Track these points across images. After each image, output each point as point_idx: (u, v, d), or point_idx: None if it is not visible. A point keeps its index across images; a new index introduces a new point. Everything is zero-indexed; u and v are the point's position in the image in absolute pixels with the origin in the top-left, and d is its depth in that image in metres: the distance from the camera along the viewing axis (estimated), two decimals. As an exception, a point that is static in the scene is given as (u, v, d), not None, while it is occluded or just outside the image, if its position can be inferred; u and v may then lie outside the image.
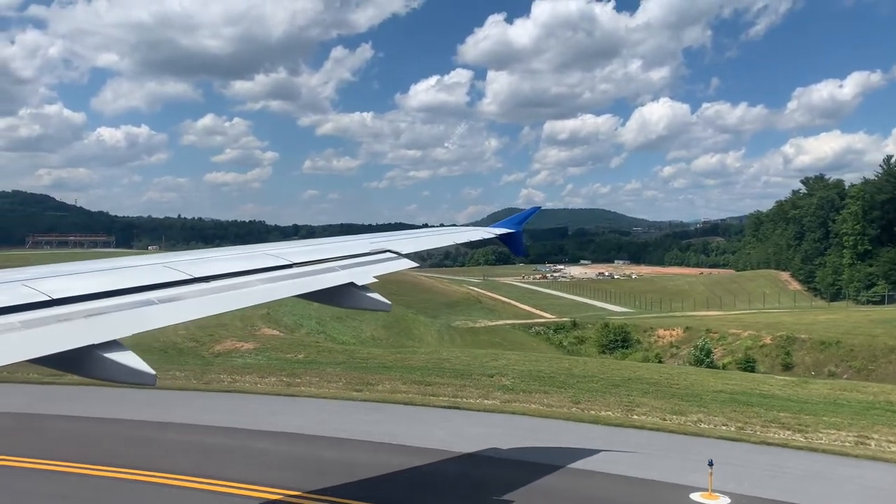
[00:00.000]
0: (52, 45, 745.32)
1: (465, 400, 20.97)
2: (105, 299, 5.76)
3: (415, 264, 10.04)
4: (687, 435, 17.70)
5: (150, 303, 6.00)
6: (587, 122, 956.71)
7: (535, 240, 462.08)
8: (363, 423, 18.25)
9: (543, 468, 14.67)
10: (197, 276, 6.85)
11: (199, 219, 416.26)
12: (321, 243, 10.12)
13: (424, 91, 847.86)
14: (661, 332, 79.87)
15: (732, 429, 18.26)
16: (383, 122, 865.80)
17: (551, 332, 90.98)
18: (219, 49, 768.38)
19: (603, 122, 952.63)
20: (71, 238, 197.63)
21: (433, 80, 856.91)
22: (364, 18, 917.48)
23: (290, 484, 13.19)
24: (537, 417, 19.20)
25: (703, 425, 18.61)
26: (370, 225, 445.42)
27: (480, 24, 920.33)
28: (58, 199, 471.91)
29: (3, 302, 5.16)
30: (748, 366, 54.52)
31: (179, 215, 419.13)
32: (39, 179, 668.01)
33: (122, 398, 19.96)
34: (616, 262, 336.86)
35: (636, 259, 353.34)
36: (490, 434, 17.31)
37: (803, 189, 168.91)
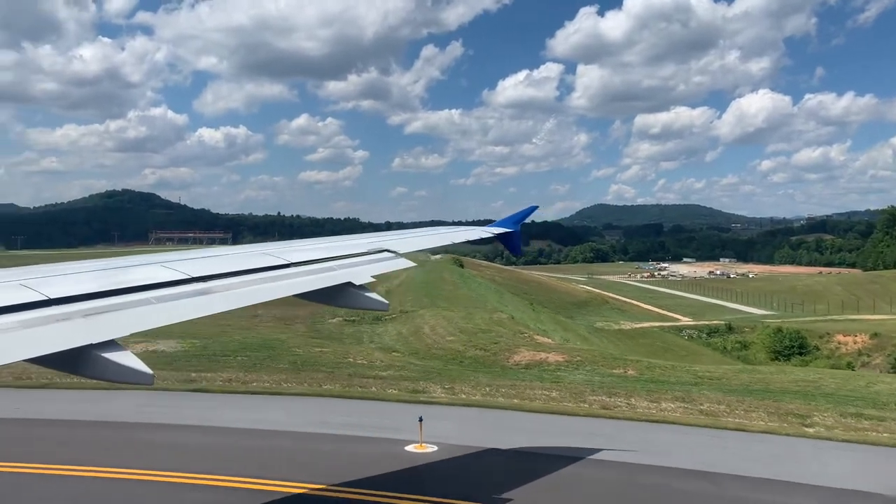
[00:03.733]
0: (157, 50, 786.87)
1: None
2: (103, 299, 5.69)
3: (412, 264, 9.98)
4: None
5: (147, 302, 5.96)
6: (681, 116, 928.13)
7: (628, 237, 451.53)
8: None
9: None
10: (195, 275, 6.82)
11: (298, 216, 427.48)
12: (319, 243, 10.13)
13: (513, 87, 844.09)
14: (840, 337, 75.61)
15: None
16: (471, 119, 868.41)
17: (704, 335, 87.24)
18: (314, 50, 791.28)
19: (698, 114, 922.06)
20: (190, 235, 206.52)
21: (522, 75, 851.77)
22: (454, 16, 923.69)
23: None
24: None
25: None
26: (458, 221, 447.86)
27: (571, 17, 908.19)
28: (163, 197, 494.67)
29: (2, 302, 5.09)
30: None
31: (279, 213, 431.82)
32: (145, 178, 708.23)
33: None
34: (721, 259, 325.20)
35: (742, 257, 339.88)
36: None
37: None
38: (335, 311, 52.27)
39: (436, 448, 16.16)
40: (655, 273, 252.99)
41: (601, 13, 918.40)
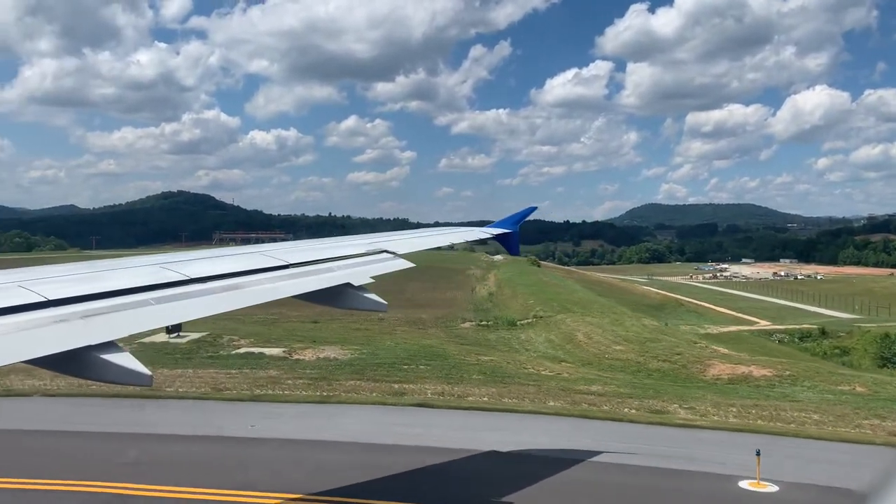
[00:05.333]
0: (211, 54, 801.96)
1: None
2: (101, 300, 5.70)
3: (411, 264, 9.76)
4: None
5: (146, 304, 5.96)
6: (734, 113, 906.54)
7: (681, 237, 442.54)
8: None
9: None
10: (193, 277, 6.81)
11: (348, 216, 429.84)
12: (318, 244, 9.97)
13: (561, 85, 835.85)
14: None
15: None
16: (518, 118, 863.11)
17: (796, 339, 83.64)
18: (362, 52, 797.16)
19: (751, 112, 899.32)
20: (253, 235, 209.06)
21: (570, 73, 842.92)
22: (503, 15, 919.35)
23: None
24: None
25: None
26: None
27: (621, 14, 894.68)
28: (217, 198, 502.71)
29: (0, 303, 5.10)
30: None
31: (330, 213, 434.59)
32: (199, 180, 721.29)
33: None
34: (781, 260, 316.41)
35: (803, 257, 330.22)
36: None
37: None
38: (464, 316, 50.88)
39: (777, 488, 14.27)
40: (717, 274, 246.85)
41: (652, 10, 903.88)
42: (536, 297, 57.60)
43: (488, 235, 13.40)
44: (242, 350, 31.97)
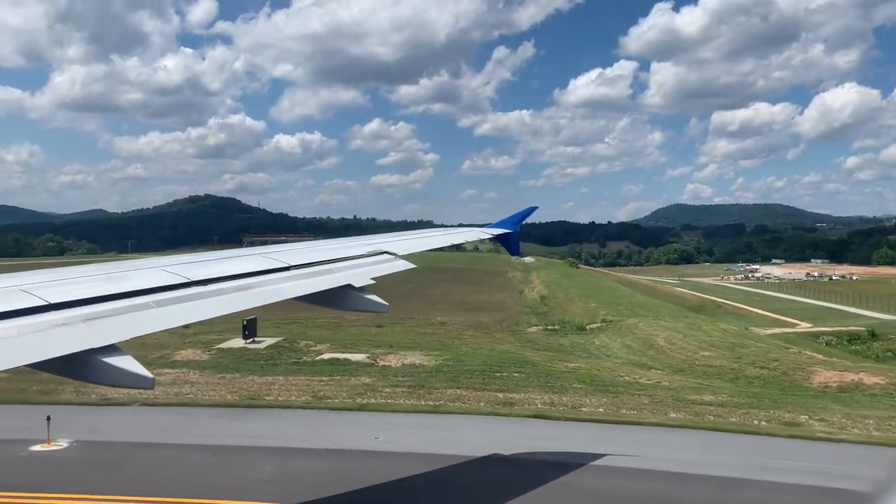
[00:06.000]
0: (236, 59, 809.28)
1: None
2: (104, 303, 5.68)
3: (412, 265, 9.72)
4: None
5: (147, 306, 5.95)
6: (760, 112, 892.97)
7: (708, 237, 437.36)
8: None
9: None
10: (194, 279, 6.80)
11: (373, 219, 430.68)
12: (319, 245, 9.97)
13: (585, 86, 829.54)
14: None
15: None
16: (542, 119, 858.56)
17: (844, 342, 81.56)
18: (386, 55, 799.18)
19: (778, 111, 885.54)
20: (283, 238, 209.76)
21: (594, 73, 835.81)
22: (526, 17, 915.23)
23: None
24: None
25: None
26: (529, 223, 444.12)
27: (645, 13, 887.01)
28: (243, 201, 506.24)
29: (3, 307, 5.07)
30: None
31: (355, 216, 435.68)
32: (224, 184, 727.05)
33: None
34: (812, 261, 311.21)
35: (835, 258, 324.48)
36: None
37: None
38: (528, 320, 49.98)
39: None
40: (748, 275, 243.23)
41: (676, 9, 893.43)
42: (597, 301, 56.45)
43: (489, 236, 13.31)
44: (326, 356, 31.35)
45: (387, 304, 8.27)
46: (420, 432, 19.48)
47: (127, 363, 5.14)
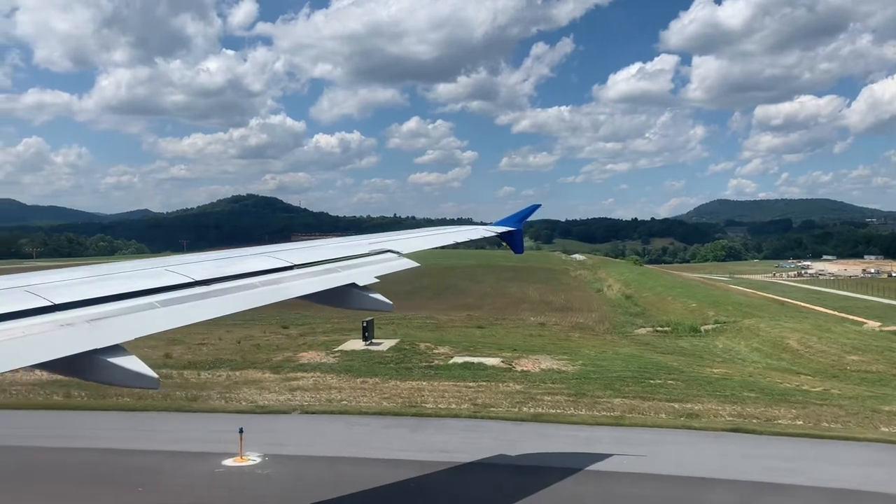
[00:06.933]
0: (277, 60, 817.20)
1: None
2: (107, 304, 5.72)
3: (415, 264, 9.70)
4: None
5: (151, 307, 5.98)
6: (806, 105, 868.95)
7: (753, 233, 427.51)
8: None
9: None
10: (198, 279, 6.79)
11: (413, 217, 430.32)
12: (321, 244, 10.00)
13: (625, 81, 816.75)
14: None
15: None
16: (581, 115, 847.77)
17: None
18: (424, 54, 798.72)
19: (825, 103, 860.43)
20: (331, 237, 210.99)
21: (634, 68, 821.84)
22: (565, 12, 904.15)
23: None
24: None
25: None
26: (564, 221, 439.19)
27: (686, 6, 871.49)
28: (284, 201, 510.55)
29: (7, 308, 5.08)
30: None
31: (395, 214, 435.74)
32: (266, 184, 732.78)
33: None
34: (866, 256, 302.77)
35: (890, 254, 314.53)
36: None
37: None
38: (631, 321, 48.25)
39: None
40: (801, 272, 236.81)
41: (718, 1, 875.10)
42: (695, 300, 54.41)
43: (492, 234, 13.32)
44: (458, 360, 30.10)
45: (391, 303, 8.14)
46: (652, 448, 17.92)
47: (132, 363, 5.09)
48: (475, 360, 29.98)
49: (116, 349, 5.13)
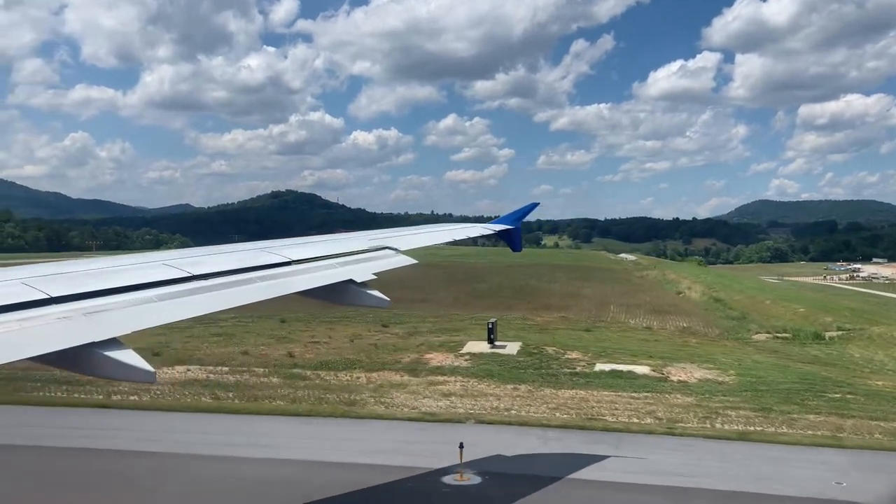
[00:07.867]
0: (316, 56, 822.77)
1: None
2: (105, 297, 5.69)
3: (414, 261, 9.77)
4: None
5: (149, 300, 5.97)
6: (852, 104, 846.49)
7: (797, 235, 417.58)
8: None
9: None
10: (196, 273, 6.83)
11: (449, 214, 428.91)
12: (319, 240, 10.02)
13: (665, 78, 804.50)
14: None
15: None
16: (620, 113, 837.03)
17: None
18: (462, 51, 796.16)
19: (872, 102, 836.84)
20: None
21: (675, 66, 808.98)
22: (605, 9, 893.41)
23: None
24: None
25: None
26: (603, 220, 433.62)
27: (730, 3, 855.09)
28: (323, 197, 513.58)
29: (4, 300, 5.04)
30: None
31: (433, 211, 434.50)
32: (304, 180, 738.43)
33: None
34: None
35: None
36: None
37: None
38: (740, 326, 46.22)
39: None
40: (853, 275, 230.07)
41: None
42: (802, 305, 52.08)
43: (490, 231, 13.45)
44: (605, 367, 28.56)
45: (388, 299, 8.04)
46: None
47: (128, 357, 5.05)
48: (621, 367, 28.41)
49: (113, 342, 5.09)
